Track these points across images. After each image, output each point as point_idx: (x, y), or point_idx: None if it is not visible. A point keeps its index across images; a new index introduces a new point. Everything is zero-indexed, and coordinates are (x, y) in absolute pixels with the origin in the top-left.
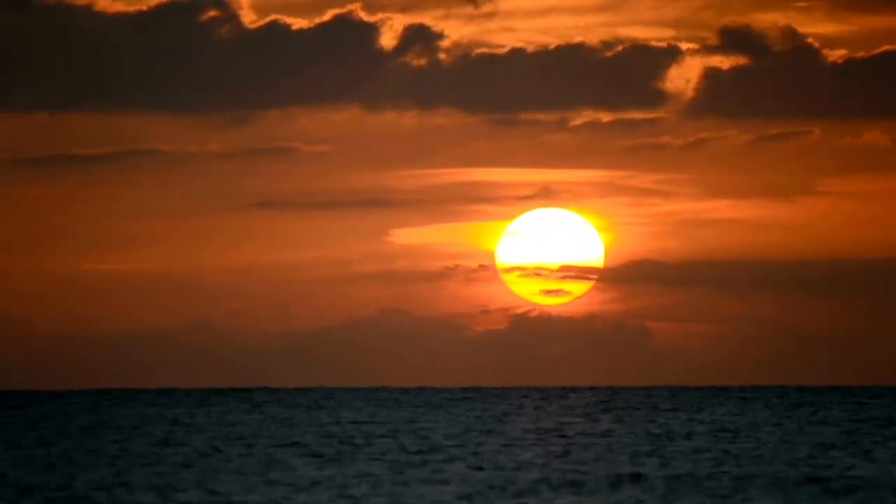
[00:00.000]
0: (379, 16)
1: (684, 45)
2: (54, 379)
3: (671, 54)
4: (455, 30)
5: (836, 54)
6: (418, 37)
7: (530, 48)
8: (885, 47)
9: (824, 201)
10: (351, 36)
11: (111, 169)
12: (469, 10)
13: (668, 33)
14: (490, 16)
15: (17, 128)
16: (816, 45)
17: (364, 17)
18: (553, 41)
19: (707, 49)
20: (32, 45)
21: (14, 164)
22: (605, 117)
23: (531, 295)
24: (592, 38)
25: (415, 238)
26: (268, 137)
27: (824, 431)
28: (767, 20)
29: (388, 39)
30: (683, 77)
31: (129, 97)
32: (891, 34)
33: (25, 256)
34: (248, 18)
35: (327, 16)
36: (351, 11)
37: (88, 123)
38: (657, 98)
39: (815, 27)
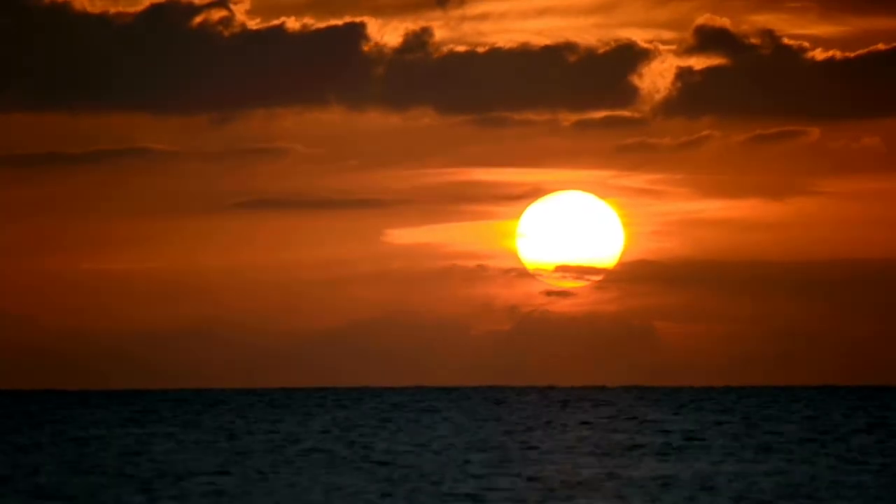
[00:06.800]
0: (371, 17)
1: (676, 46)
2: (52, 379)
3: (664, 55)
4: (446, 30)
5: (831, 54)
6: (408, 37)
7: (521, 48)
8: (880, 46)
9: (819, 202)
10: (345, 36)
11: (106, 168)
12: (461, 11)
13: (661, 34)
14: (482, 17)
15: (8, 127)
16: (810, 45)
17: (357, 18)
18: (544, 41)
19: (700, 50)
20: (23, 44)
21: (6, 163)
22: (598, 116)
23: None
24: (584, 38)
25: (410, 238)
26: (261, 138)
27: None
28: (760, 21)
29: (380, 40)
30: (678, 77)
31: (124, 97)
32: (884, 34)
33: (23, 256)
34: (240, 20)
35: (318, 17)
36: (343, 13)
37: (82, 123)
38: (652, 98)
39: (808, 28)
